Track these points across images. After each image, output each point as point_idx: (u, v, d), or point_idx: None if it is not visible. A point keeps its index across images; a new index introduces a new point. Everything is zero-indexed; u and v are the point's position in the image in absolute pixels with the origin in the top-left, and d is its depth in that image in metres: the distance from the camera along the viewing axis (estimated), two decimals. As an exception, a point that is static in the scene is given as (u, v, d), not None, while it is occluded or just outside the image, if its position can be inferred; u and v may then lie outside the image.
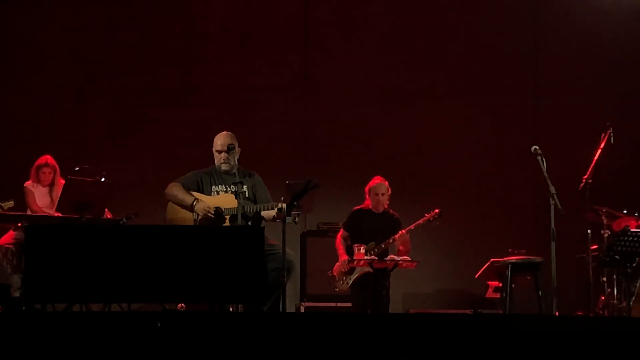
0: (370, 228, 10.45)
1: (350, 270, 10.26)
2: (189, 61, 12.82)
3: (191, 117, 12.52)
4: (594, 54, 12.91)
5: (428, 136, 12.78)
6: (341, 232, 10.65)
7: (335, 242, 10.60)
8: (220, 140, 9.14)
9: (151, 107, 12.59)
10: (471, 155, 12.75)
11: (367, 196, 10.63)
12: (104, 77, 12.67)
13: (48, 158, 10.44)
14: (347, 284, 10.32)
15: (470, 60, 13.03)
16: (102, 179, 9.90)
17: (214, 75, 12.76)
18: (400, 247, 10.19)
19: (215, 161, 9.18)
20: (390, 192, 10.58)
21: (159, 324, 6.37)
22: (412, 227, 10.29)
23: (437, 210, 10.31)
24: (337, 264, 10.36)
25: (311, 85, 12.97)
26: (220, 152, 9.08)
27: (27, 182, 10.40)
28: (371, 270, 10.13)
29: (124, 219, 9.66)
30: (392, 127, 12.76)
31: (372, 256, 10.13)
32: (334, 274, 10.37)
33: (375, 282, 10.14)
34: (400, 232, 10.23)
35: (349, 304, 10.79)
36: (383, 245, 10.18)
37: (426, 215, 10.32)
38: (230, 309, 8.12)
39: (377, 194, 10.51)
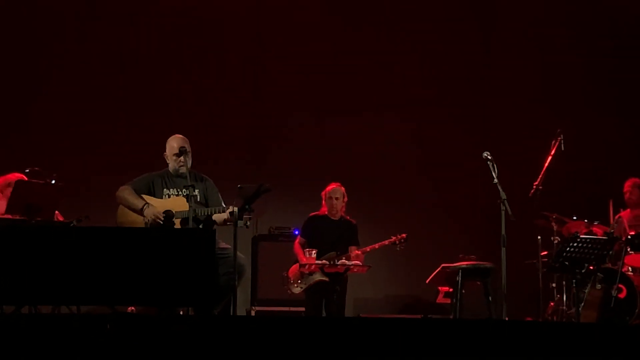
0: (328, 234, 10.50)
1: (308, 276, 10.26)
2: (140, 66, 12.77)
3: (142, 120, 12.48)
4: (544, 60, 13.02)
5: (379, 142, 12.84)
6: (298, 239, 10.68)
7: (294, 248, 10.63)
8: (177, 143, 9.09)
9: (102, 109, 12.52)
10: (422, 161, 12.82)
11: (323, 202, 10.67)
12: (54, 78, 12.58)
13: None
14: (301, 288, 10.32)
15: (420, 67, 13.09)
16: (53, 181, 9.81)
17: (165, 79, 12.72)
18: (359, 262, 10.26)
19: (170, 164, 9.13)
20: (346, 198, 10.63)
21: (108, 327, 6.33)
22: (376, 246, 10.37)
23: (404, 235, 10.37)
24: (295, 266, 10.35)
25: (262, 89, 12.97)
26: (178, 154, 9.03)
27: None
28: (327, 280, 10.17)
29: (74, 222, 9.59)
30: (345, 133, 12.80)
31: (323, 260, 10.16)
32: (289, 275, 10.37)
33: (326, 287, 10.18)
34: (355, 252, 10.29)
35: (301, 308, 10.80)
36: (344, 259, 10.22)
37: (392, 237, 10.39)
38: (181, 312, 8.10)
39: (331, 198, 10.57)
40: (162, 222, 8.69)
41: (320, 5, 13.14)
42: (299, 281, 10.32)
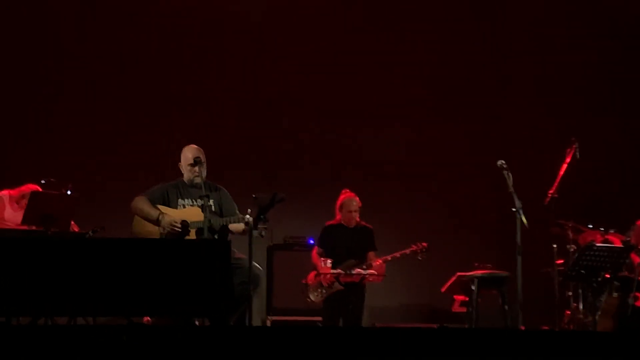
0: (345, 243, 10.51)
1: (329, 285, 10.26)
2: (154, 76, 12.77)
3: (158, 130, 12.50)
4: (559, 69, 12.99)
5: (394, 151, 12.82)
6: (315, 249, 10.67)
7: (312, 258, 10.62)
8: (191, 153, 9.09)
9: (117, 120, 12.56)
10: (438, 170, 12.80)
11: (337, 211, 10.66)
12: (71, 91, 12.61)
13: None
14: (322, 296, 10.32)
15: (435, 76, 13.07)
16: (68, 192, 9.85)
17: (180, 89, 12.74)
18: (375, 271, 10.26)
19: (185, 174, 9.14)
20: (360, 204, 10.62)
21: (124, 338, 6.33)
22: (397, 255, 10.37)
23: (425, 244, 10.37)
24: (313, 273, 10.34)
25: (277, 98, 12.95)
26: (193, 165, 9.03)
27: (2, 192, 10.29)
28: (343, 289, 10.19)
29: (90, 232, 9.63)
30: (359, 141, 12.80)
31: (339, 270, 10.16)
32: (309, 282, 10.36)
33: (343, 296, 10.19)
34: (377, 261, 10.28)
35: (317, 318, 10.80)
36: (365, 267, 10.21)
37: (413, 246, 10.39)
38: (197, 323, 8.10)
39: (350, 212, 10.57)
40: (179, 230, 8.69)
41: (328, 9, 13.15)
42: (319, 289, 10.32)
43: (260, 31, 13.08)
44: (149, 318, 9.34)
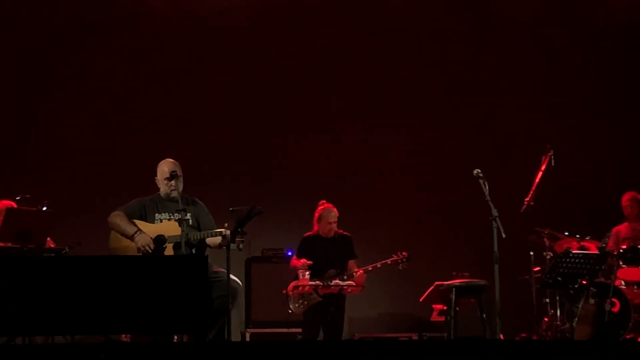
0: (324, 254, 10.49)
1: (309, 295, 10.25)
2: (129, 88, 12.73)
3: (133, 144, 12.45)
4: (534, 77, 13.04)
5: (371, 160, 12.81)
6: (294, 258, 10.65)
7: (291, 264, 10.57)
8: (168, 167, 9.09)
9: (93, 134, 12.49)
10: (414, 179, 12.79)
11: (315, 223, 10.65)
12: (47, 107, 12.55)
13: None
14: (303, 307, 10.30)
15: (411, 85, 13.08)
16: (44, 208, 9.81)
17: (153, 101, 12.69)
18: (355, 282, 10.26)
19: (161, 189, 9.13)
20: (338, 215, 10.62)
21: (102, 356, 6.31)
22: (378, 265, 10.38)
23: (405, 253, 10.38)
24: (293, 283, 10.33)
25: (251, 112, 12.92)
26: (169, 179, 9.03)
27: None
28: (321, 300, 10.19)
29: (67, 249, 9.59)
30: (333, 152, 12.77)
31: (317, 281, 10.15)
32: (290, 293, 10.34)
33: (323, 307, 10.19)
34: (359, 272, 10.29)
35: (297, 329, 10.79)
36: (346, 277, 10.22)
37: (394, 256, 10.39)
38: (175, 339, 8.09)
39: (328, 223, 10.56)
40: (151, 252, 8.68)
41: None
42: (300, 300, 10.30)
43: (245, 47, 13.06)
44: (126, 335, 9.31)
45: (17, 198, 9.97)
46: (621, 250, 10.61)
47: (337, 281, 10.20)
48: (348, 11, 13.19)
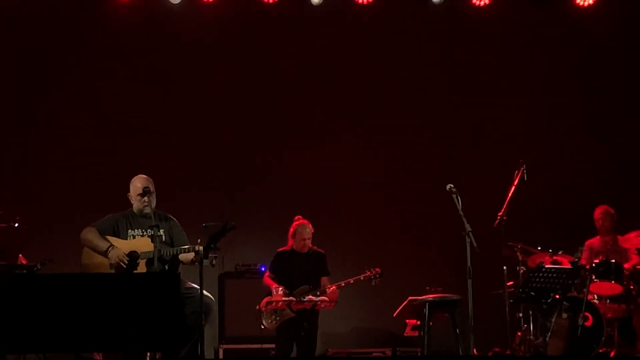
0: (298, 269, 10.51)
1: (282, 311, 10.24)
2: (102, 102, 12.68)
3: (105, 158, 12.40)
4: (507, 92, 13.09)
5: (344, 174, 12.79)
6: (267, 274, 10.65)
7: (264, 281, 10.60)
8: (140, 183, 9.08)
9: (65, 150, 12.44)
10: (388, 194, 12.79)
11: (290, 238, 10.66)
12: (22, 122, 12.49)
13: None
14: (276, 322, 10.29)
15: (384, 98, 13.10)
16: (16, 224, 9.76)
17: (126, 115, 12.64)
18: (327, 297, 10.26)
19: (134, 205, 9.12)
20: (313, 231, 10.63)
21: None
22: (351, 281, 10.40)
23: (378, 270, 10.39)
24: (266, 299, 10.31)
25: (224, 125, 12.89)
26: (142, 195, 9.01)
27: None
28: (295, 315, 10.19)
29: (39, 265, 9.53)
30: (307, 166, 12.74)
31: (290, 297, 10.15)
32: (262, 309, 10.32)
33: (296, 323, 10.19)
34: (331, 288, 10.29)
35: (270, 345, 10.78)
36: (319, 293, 10.21)
37: (367, 272, 10.40)
38: (148, 356, 8.05)
39: (303, 239, 10.58)
40: (125, 266, 8.66)
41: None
42: (273, 316, 10.29)
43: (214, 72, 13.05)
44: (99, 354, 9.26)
45: (-11, 215, 9.93)
46: (593, 265, 10.66)
47: (310, 297, 10.20)
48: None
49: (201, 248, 8.39)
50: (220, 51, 12.96)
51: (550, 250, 10.78)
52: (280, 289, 10.17)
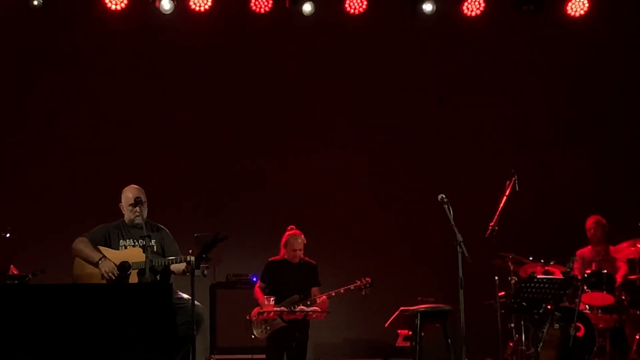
0: (289, 279, 10.49)
1: (272, 320, 10.24)
2: (94, 112, 12.68)
3: (96, 169, 12.38)
4: (497, 103, 13.11)
5: (335, 185, 12.80)
6: (258, 284, 10.65)
7: (254, 293, 10.61)
8: (132, 193, 9.07)
9: (56, 160, 12.42)
10: (379, 204, 12.80)
11: (282, 247, 10.66)
12: (12, 132, 12.47)
13: None
14: (266, 332, 10.28)
15: (374, 108, 13.11)
16: (7, 235, 9.75)
17: (113, 128, 12.63)
18: (319, 307, 10.25)
19: (126, 215, 9.11)
20: (305, 242, 10.62)
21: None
22: (341, 290, 10.39)
23: (369, 279, 10.38)
24: (257, 309, 10.31)
25: (214, 137, 12.88)
26: (133, 205, 9.00)
27: None
28: (286, 325, 10.18)
29: (30, 275, 9.52)
30: (298, 177, 12.75)
31: (282, 307, 10.14)
32: (253, 319, 10.31)
33: (287, 333, 10.17)
34: (322, 297, 10.28)
35: (262, 355, 10.76)
36: (309, 303, 10.21)
37: (357, 282, 10.39)
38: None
39: (294, 250, 10.57)
40: (115, 279, 8.65)
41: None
42: (263, 326, 10.29)
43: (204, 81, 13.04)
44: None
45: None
46: (585, 275, 10.67)
47: (302, 307, 10.19)
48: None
49: (193, 258, 8.38)
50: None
51: (542, 261, 10.79)
52: (272, 299, 10.15)
